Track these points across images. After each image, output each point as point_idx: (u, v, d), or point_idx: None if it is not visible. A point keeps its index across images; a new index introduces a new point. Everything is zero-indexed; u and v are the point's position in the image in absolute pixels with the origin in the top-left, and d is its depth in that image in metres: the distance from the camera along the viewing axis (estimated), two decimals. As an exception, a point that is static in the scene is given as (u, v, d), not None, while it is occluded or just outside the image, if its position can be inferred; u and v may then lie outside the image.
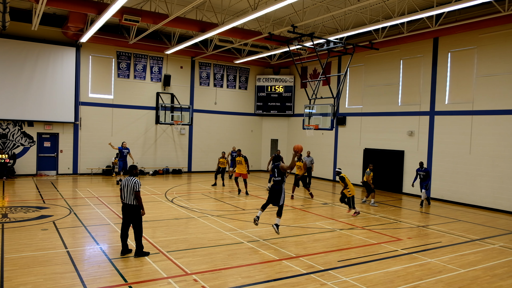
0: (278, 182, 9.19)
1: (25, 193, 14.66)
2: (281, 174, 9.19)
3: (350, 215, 12.76)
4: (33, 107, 18.93)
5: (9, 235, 9.05)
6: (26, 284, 6.34)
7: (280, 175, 9.19)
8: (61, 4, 14.00)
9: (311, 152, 22.69)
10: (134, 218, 7.84)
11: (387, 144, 18.90)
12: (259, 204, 14.18)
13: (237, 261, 7.89)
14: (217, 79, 24.37)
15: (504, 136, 14.51)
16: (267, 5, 12.68)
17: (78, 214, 11.44)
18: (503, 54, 14.61)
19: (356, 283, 6.90)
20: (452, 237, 10.47)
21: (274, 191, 9.19)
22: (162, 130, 22.65)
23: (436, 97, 16.82)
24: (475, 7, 14.69)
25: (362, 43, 17.29)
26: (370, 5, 15.14)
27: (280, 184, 9.16)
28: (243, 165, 15.86)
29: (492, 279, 7.41)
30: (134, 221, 7.84)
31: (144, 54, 21.78)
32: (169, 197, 14.82)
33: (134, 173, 8.12)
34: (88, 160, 20.53)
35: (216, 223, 10.99)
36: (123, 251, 7.89)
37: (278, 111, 25.44)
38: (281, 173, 9.18)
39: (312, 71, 23.64)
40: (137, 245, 7.87)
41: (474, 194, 15.41)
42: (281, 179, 9.18)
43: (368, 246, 9.25)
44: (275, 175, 9.28)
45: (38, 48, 18.93)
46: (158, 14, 15.46)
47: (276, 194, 9.18)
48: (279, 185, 9.16)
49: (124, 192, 7.81)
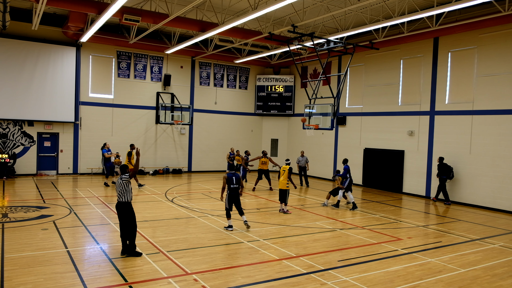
0: (236, 189, 10.27)
1: (25, 193, 14.67)
2: (238, 182, 10.28)
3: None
4: (33, 107, 18.93)
5: (9, 234, 9.06)
6: (26, 284, 6.34)
7: (238, 183, 10.28)
8: (61, 3, 13.99)
9: (313, 152, 22.76)
10: (128, 215, 7.92)
11: (387, 144, 18.90)
12: (259, 204, 14.19)
13: (237, 260, 7.89)
14: (217, 79, 24.37)
15: (504, 136, 14.50)
16: (267, 5, 12.68)
17: (78, 214, 11.45)
18: (503, 54, 14.61)
19: (356, 282, 6.90)
20: (452, 237, 10.47)
21: (236, 198, 10.24)
22: (162, 130, 22.66)
23: (436, 97, 16.82)
24: (475, 7, 14.68)
25: (362, 43, 17.28)
26: (370, 5, 15.13)
27: (237, 191, 10.32)
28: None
29: (492, 279, 7.41)
30: (128, 218, 7.91)
31: (144, 54, 21.78)
32: (169, 197, 14.82)
33: (127, 171, 8.27)
34: (88, 159, 20.53)
35: (216, 223, 10.99)
36: (123, 250, 7.90)
37: (278, 111, 25.44)
38: (239, 182, 10.30)
39: (312, 71, 23.64)
40: (130, 243, 7.90)
41: (474, 194, 15.40)
42: (238, 186, 10.30)
43: (368, 246, 9.26)
44: (233, 182, 10.24)
45: (38, 47, 18.93)
46: (158, 14, 15.46)
47: (237, 199, 10.27)
48: (237, 191, 10.29)
49: (118, 190, 7.94)
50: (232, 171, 10.55)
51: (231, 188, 10.20)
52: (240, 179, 10.39)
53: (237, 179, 10.26)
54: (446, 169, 15.63)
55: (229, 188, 10.21)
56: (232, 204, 10.23)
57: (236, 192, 10.25)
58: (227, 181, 10.22)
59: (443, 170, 15.64)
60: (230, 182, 10.21)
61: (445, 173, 15.61)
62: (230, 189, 10.21)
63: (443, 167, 15.66)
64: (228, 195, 10.21)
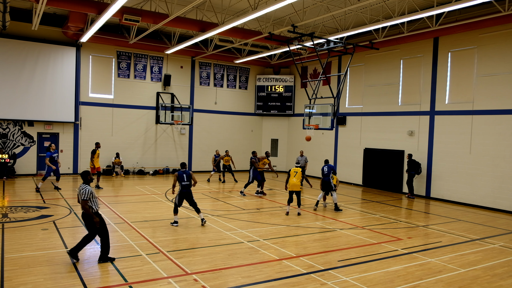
0: (188, 186, 10.45)
1: (25, 193, 14.66)
2: (189, 179, 10.46)
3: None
4: (33, 107, 18.93)
5: (9, 235, 9.06)
6: (26, 284, 6.34)
7: (189, 180, 10.46)
8: (61, 3, 13.99)
9: (313, 152, 22.75)
10: (89, 227, 7.43)
11: (387, 144, 18.90)
12: (258, 204, 14.20)
13: (237, 260, 7.89)
14: (217, 79, 24.37)
15: (504, 136, 14.50)
16: (267, 5, 12.68)
17: (79, 214, 11.44)
18: (503, 54, 14.61)
19: (356, 282, 6.90)
20: (452, 237, 10.47)
21: (188, 194, 10.47)
22: (162, 130, 22.66)
23: (436, 97, 16.82)
24: (475, 7, 14.68)
25: (362, 43, 17.28)
26: (370, 5, 15.13)
27: (189, 187, 10.51)
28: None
29: (492, 279, 7.41)
30: (90, 229, 7.43)
31: (144, 54, 21.78)
32: (169, 197, 14.82)
33: (89, 179, 7.56)
34: (88, 160, 20.44)
35: (216, 223, 10.99)
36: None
37: (278, 111, 25.44)
38: (190, 179, 10.47)
39: (312, 71, 23.64)
40: (101, 248, 7.47)
41: (474, 193, 15.41)
42: (190, 183, 10.48)
43: (368, 246, 9.26)
44: (185, 179, 10.44)
45: (38, 48, 18.93)
46: (158, 14, 15.46)
47: (189, 196, 10.48)
48: (188, 188, 10.48)
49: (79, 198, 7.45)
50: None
51: (183, 185, 10.39)
52: (192, 176, 10.48)
53: (188, 176, 10.41)
54: (415, 165, 16.76)
55: (181, 185, 10.40)
56: (182, 200, 10.49)
57: (188, 189, 10.41)
58: (178, 178, 10.41)
59: (412, 166, 16.77)
60: (181, 179, 10.39)
61: (413, 169, 16.73)
62: (182, 186, 10.40)
63: (412, 163, 16.79)
64: (180, 192, 10.43)
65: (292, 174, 12.45)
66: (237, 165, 25.09)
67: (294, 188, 12.38)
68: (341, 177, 21.54)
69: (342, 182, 21.24)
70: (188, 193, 10.43)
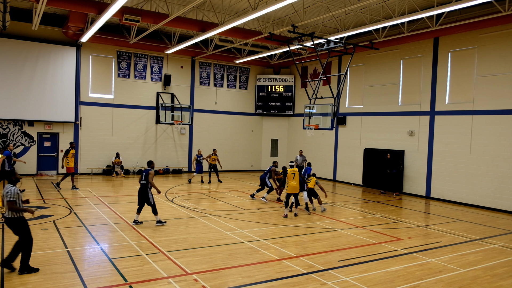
0: (143, 185, 10.45)
1: (25, 193, 14.66)
2: (147, 179, 10.40)
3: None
4: (34, 107, 18.93)
5: (9, 235, 9.04)
6: (26, 284, 6.34)
7: (146, 180, 10.41)
8: (61, 3, 13.99)
9: (313, 152, 22.75)
10: (20, 232, 6.86)
11: (387, 144, 18.90)
12: (258, 204, 14.20)
13: (237, 261, 7.89)
14: (217, 79, 24.37)
15: (504, 136, 14.50)
16: (267, 5, 12.67)
17: (79, 214, 11.45)
18: (503, 54, 14.61)
19: (356, 282, 6.90)
20: (452, 237, 10.47)
21: (142, 194, 10.48)
22: (162, 130, 22.65)
23: (436, 97, 16.82)
24: (475, 7, 14.68)
25: (362, 43, 17.28)
26: (370, 5, 15.13)
27: (146, 187, 10.44)
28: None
29: (492, 279, 7.41)
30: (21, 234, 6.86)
31: (145, 54, 21.78)
32: (169, 197, 14.82)
33: (13, 179, 6.93)
34: (88, 159, 20.54)
35: (216, 223, 11.00)
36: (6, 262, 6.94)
37: (278, 111, 25.44)
38: (147, 178, 10.40)
39: (312, 71, 23.64)
40: (21, 259, 6.82)
41: (474, 194, 15.40)
42: (146, 183, 10.43)
43: (368, 246, 9.26)
44: (141, 178, 10.51)
45: (38, 47, 18.93)
46: (158, 14, 15.46)
47: (143, 195, 10.46)
48: (145, 187, 10.44)
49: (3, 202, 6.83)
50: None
51: (140, 184, 10.54)
52: (149, 175, 10.43)
53: (146, 175, 10.44)
54: (396, 163, 17.40)
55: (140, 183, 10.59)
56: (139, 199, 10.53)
57: (145, 187, 10.42)
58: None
59: (393, 164, 17.44)
60: (140, 179, 10.59)
61: (395, 167, 17.44)
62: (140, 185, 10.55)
63: (393, 161, 17.45)
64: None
65: (290, 177, 12.08)
66: (237, 165, 25.15)
67: (294, 191, 12.11)
68: (341, 177, 21.57)
69: (342, 182, 21.25)
70: (143, 192, 10.45)
